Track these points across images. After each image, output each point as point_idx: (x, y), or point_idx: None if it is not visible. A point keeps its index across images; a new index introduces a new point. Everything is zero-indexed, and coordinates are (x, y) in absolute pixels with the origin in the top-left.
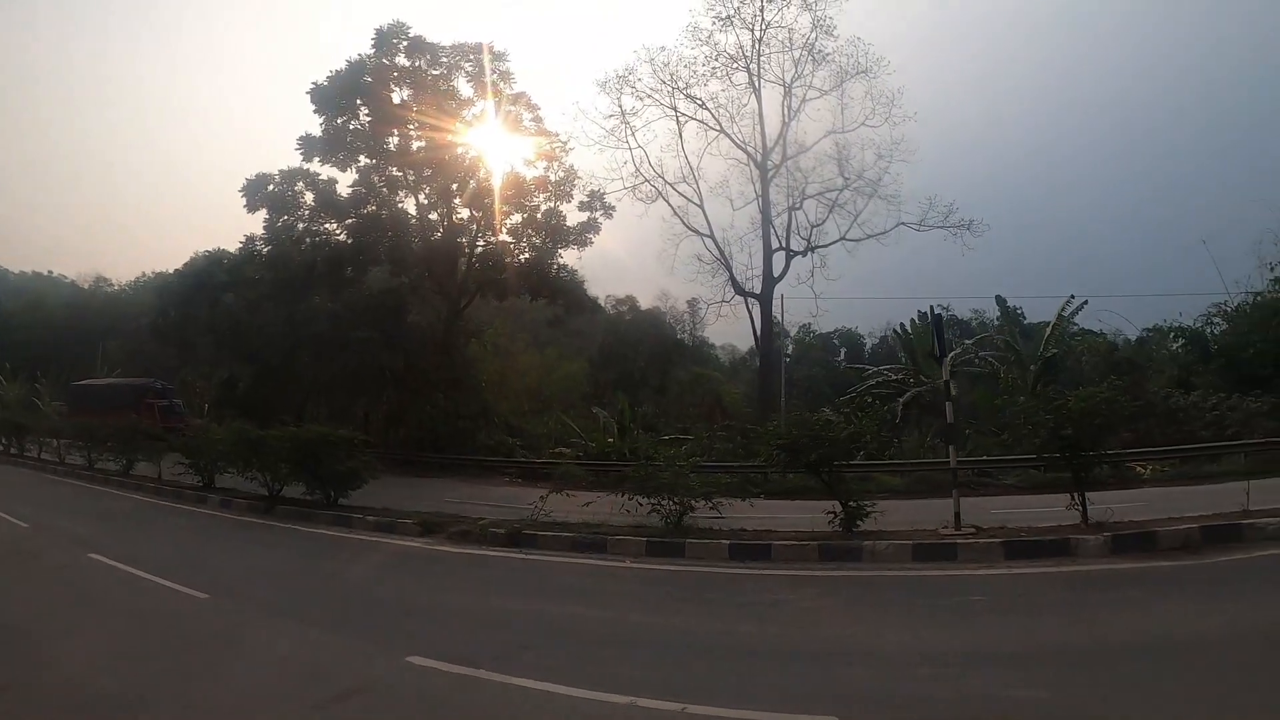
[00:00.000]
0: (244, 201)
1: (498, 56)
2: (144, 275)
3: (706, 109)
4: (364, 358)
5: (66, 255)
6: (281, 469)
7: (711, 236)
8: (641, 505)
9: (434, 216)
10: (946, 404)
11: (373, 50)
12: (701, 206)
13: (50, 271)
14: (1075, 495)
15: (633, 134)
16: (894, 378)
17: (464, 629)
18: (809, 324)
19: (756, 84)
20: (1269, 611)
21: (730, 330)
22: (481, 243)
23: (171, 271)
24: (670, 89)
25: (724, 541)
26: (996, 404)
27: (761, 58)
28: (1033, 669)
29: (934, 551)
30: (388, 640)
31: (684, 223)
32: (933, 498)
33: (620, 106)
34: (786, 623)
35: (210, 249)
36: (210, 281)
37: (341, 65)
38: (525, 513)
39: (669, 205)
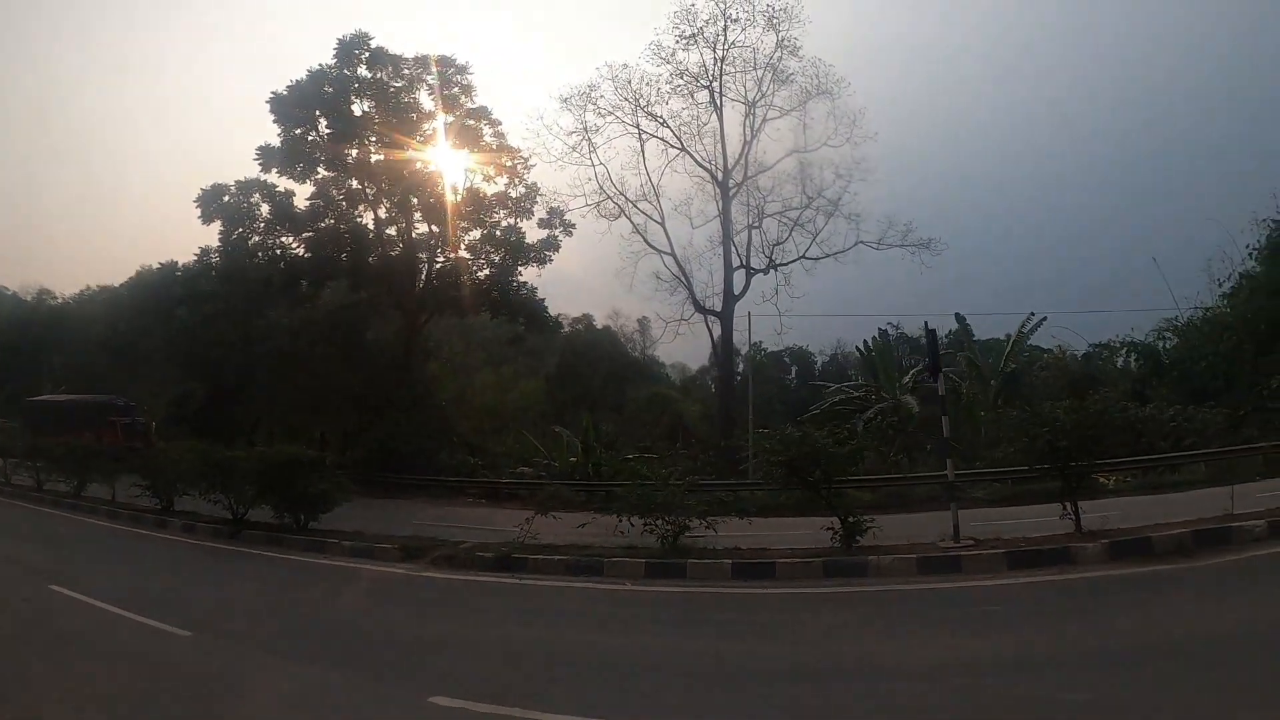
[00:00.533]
0: (198, 213)
1: (460, 70)
2: (89, 288)
3: (668, 127)
4: (323, 376)
5: (6, 265)
6: (248, 491)
7: (672, 254)
8: (634, 526)
9: (392, 231)
10: (943, 418)
11: (334, 61)
12: (662, 224)
13: None
14: (1067, 504)
15: (594, 151)
16: (855, 394)
17: (478, 662)
18: (760, 342)
19: (718, 102)
20: (1277, 608)
21: (679, 349)
22: (441, 258)
23: (119, 284)
24: (633, 106)
25: (726, 561)
26: (977, 419)
27: (725, 76)
28: (1070, 673)
29: (939, 564)
30: (401, 678)
31: (645, 240)
32: (905, 512)
33: (583, 123)
34: (811, 642)
35: (162, 261)
36: (163, 295)
37: (302, 75)
38: (503, 535)
39: (630, 222)
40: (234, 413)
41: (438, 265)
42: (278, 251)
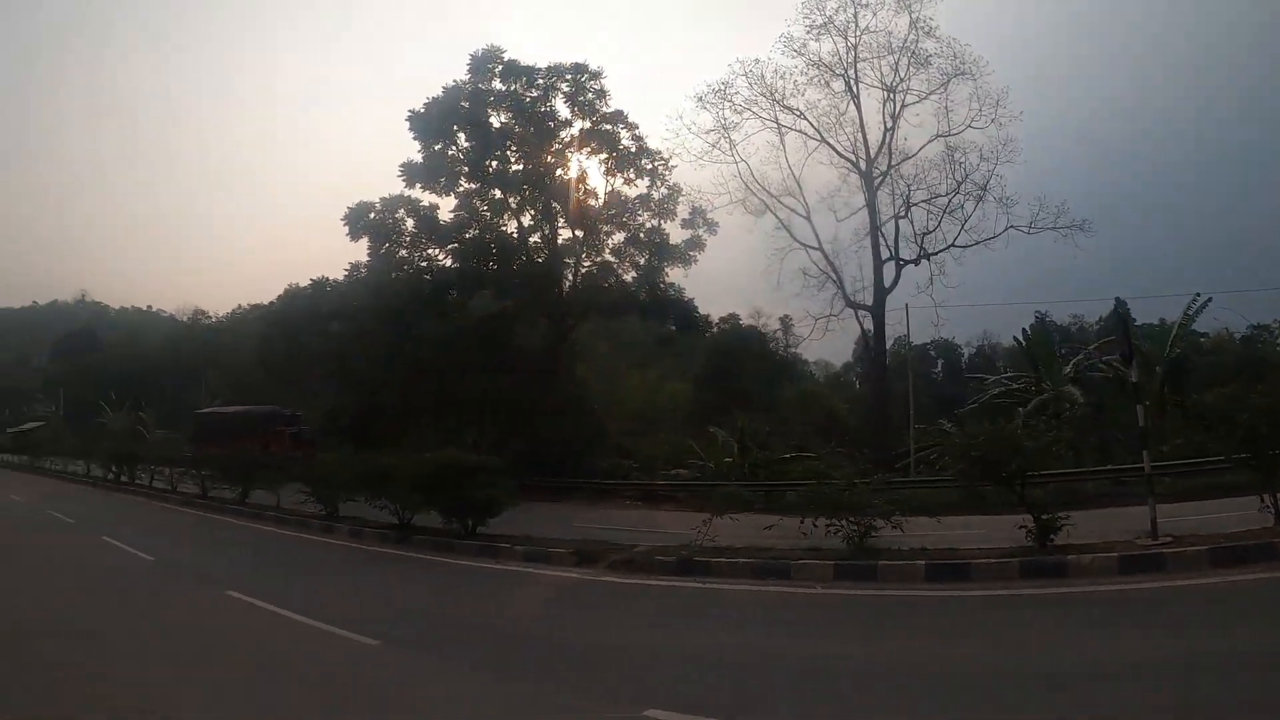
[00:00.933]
0: (346, 230)
1: (593, 75)
2: (241, 308)
3: (806, 119)
4: (473, 383)
5: (165, 290)
6: (413, 497)
7: (819, 248)
8: (816, 527)
9: (536, 239)
10: (1139, 407)
11: (469, 76)
12: (808, 218)
13: (149, 306)
14: (1266, 497)
15: (734, 148)
16: (1015, 386)
17: (684, 672)
18: (903, 336)
19: (855, 90)
20: None
21: (822, 347)
22: (587, 263)
23: (268, 303)
24: (769, 100)
25: (919, 562)
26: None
27: (860, 63)
28: None
29: (1142, 563)
30: (609, 690)
31: (791, 235)
32: (1075, 509)
33: (721, 120)
34: (1036, 647)
35: (314, 277)
36: (316, 311)
37: (438, 92)
38: (672, 538)
39: (775, 218)
40: (385, 422)
41: (583, 270)
42: (424, 264)
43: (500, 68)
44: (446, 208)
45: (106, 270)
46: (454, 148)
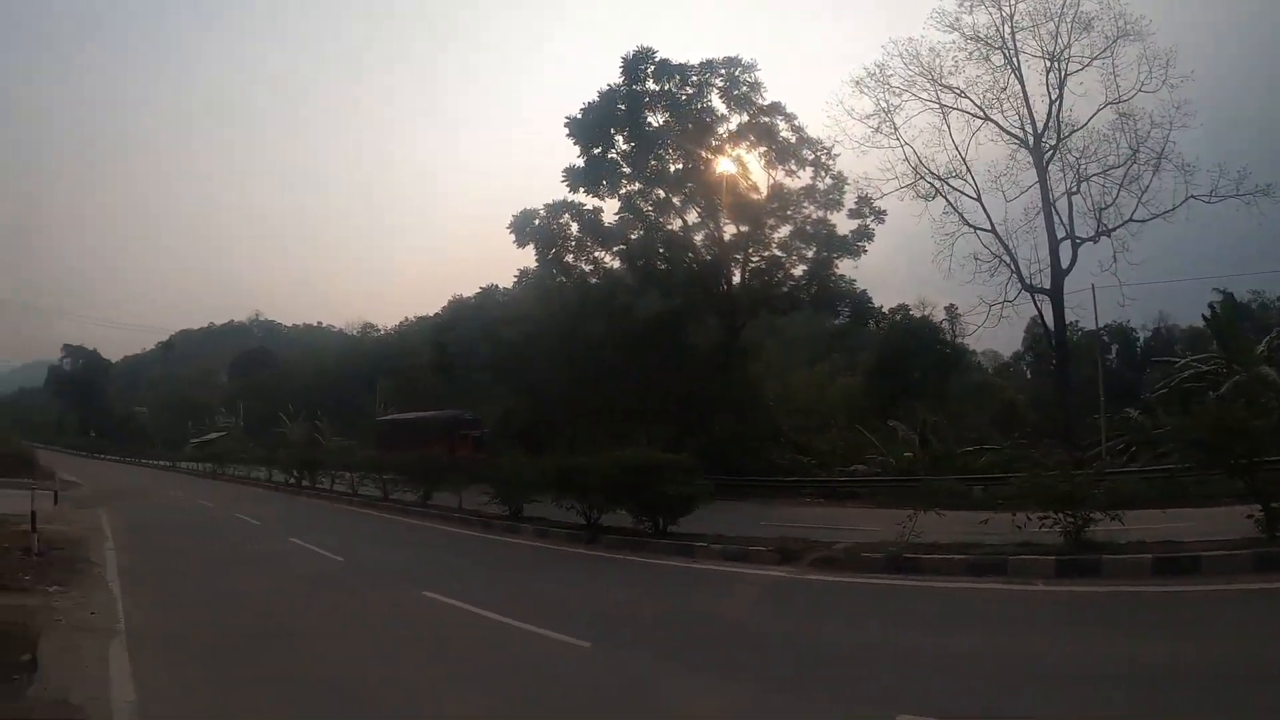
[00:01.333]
0: (513, 238)
1: (746, 68)
2: (407, 320)
3: (967, 97)
4: (645, 383)
5: (335, 307)
6: (599, 496)
7: (992, 231)
8: (1030, 520)
9: (701, 237)
10: None
11: (622, 79)
12: (979, 199)
13: (319, 323)
14: None
15: (896, 131)
16: (1205, 369)
17: (925, 675)
18: (1075, 321)
19: (1015, 62)
20: None
21: (990, 335)
22: (756, 258)
23: (433, 314)
24: (928, 80)
25: (1145, 556)
26: None
27: (1017, 33)
28: None
29: None
30: (851, 694)
31: (962, 218)
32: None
33: (884, 104)
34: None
35: (484, 285)
36: (486, 317)
37: (593, 97)
38: (867, 535)
39: (946, 201)
40: (556, 424)
41: (751, 266)
42: (590, 267)
43: (653, 68)
44: (610, 210)
45: (278, 291)
46: (613, 150)
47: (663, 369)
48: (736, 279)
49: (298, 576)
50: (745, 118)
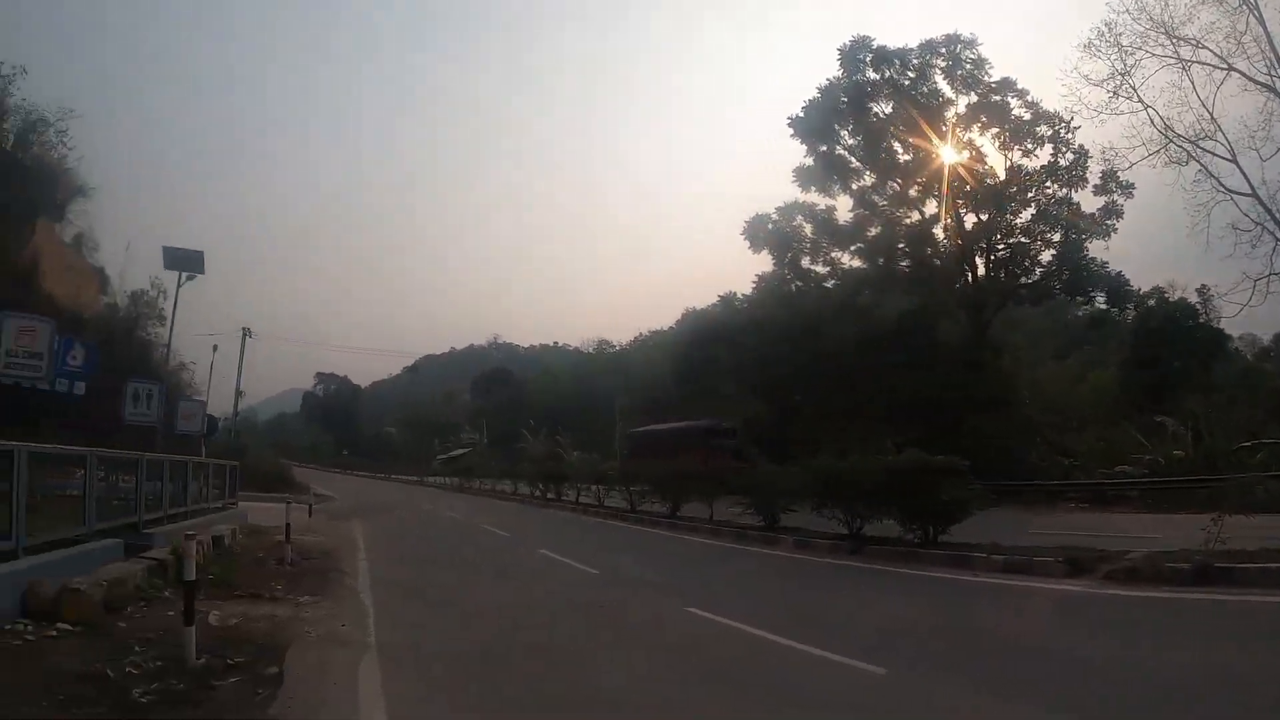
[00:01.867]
0: (747, 244)
1: (967, 44)
2: (641, 335)
3: (1205, 47)
4: (891, 385)
5: (569, 326)
6: (863, 504)
7: (1253, 195)
8: None
9: (939, 229)
10: None
11: (841, 71)
12: (1234, 161)
13: (555, 342)
14: None
15: (1136, 92)
16: None
17: None
18: None
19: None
20: None
21: (1244, 317)
22: (1000, 247)
23: (667, 328)
24: (1162, 33)
25: None
26: None
27: None
28: None
29: None
30: None
31: (1219, 184)
32: None
33: (1120, 65)
34: None
35: (722, 294)
36: (726, 324)
37: (813, 94)
38: (1153, 543)
39: (1200, 165)
40: (800, 429)
41: (996, 255)
42: (828, 268)
43: (871, 56)
44: (843, 208)
45: (515, 314)
46: (840, 146)
47: (908, 369)
48: (980, 270)
49: (552, 590)
50: (973, 97)
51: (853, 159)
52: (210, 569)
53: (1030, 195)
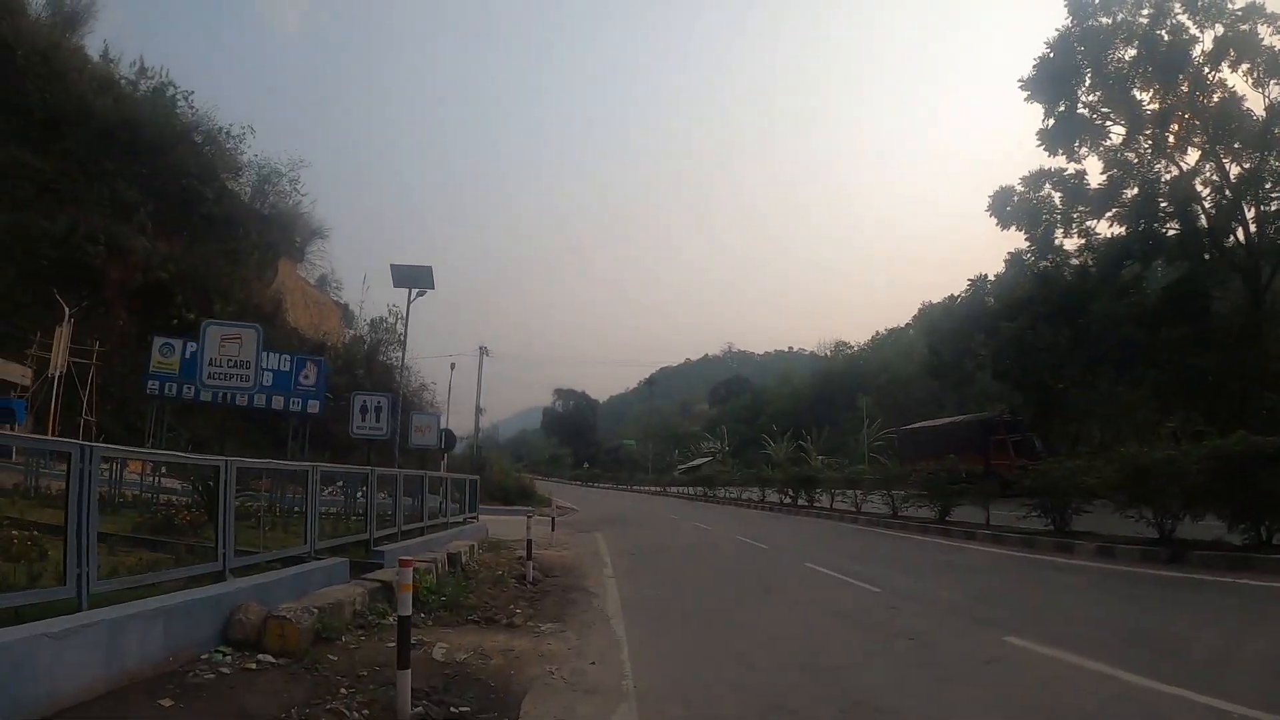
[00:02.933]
0: (994, 221)
1: None
2: (879, 333)
3: None
4: (1166, 364)
5: (803, 331)
6: (1173, 503)
7: None
8: None
9: (1200, 182)
10: None
11: (1069, 20)
12: None
13: (790, 348)
14: None
15: None
16: None
17: None
18: None
19: None
20: None
21: None
22: (1276, 195)
23: (903, 325)
24: None
25: None
26: None
27: None
28: None
29: None
30: None
31: None
32: None
33: None
34: None
35: (973, 278)
36: (979, 311)
37: (1040, 50)
38: None
39: None
40: (1063, 418)
41: (1267, 207)
42: (1083, 240)
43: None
44: (1093, 171)
45: (748, 322)
46: (1080, 102)
47: (1181, 346)
48: (1252, 229)
49: (832, 612)
50: (1219, 30)
51: (1095, 115)
52: (443, 590)
53: None
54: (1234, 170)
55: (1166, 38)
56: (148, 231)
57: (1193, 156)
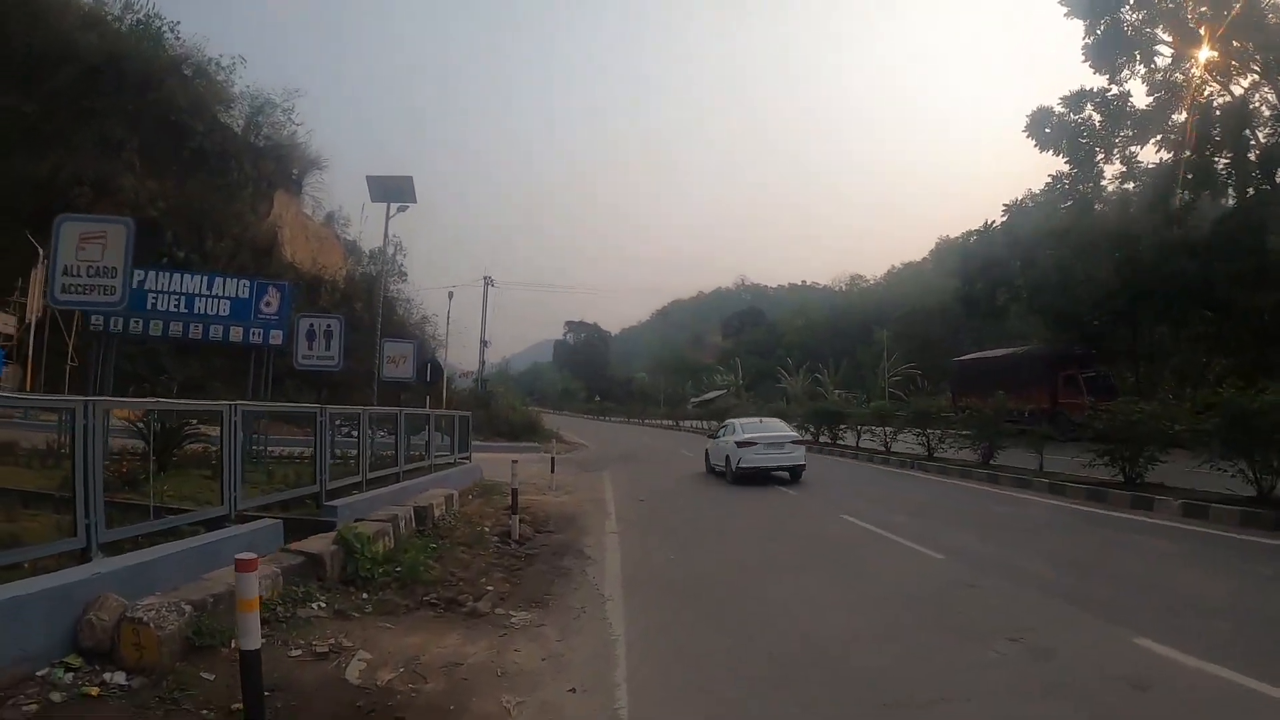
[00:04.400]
0: (1033, 143)
1: None
2: (894, 267)
3: None
4: (1218, 303)
5: (817, 265)
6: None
7: None
8: None
9: (1257, 103)
10: None
11: None
12: None
13: (804, 281)
14: None
15: None
16: None
17: None
18: None
19: None
20: None
21: None
22: None
23: (920, 259)
24: None
25: None
26: None
27: None
28: None
29: None
30: None
31: None
32: None
33: None
34: None
35: (1007, 200)
36: (1017, 239)
37: None
38: None
39: None
40: (1107, 359)
41: None
42: (1124, 168)
43: None
44: (1137, 94)
45: (762, 255)
46: (1124, 16)
47: (1239, 280)
48: None
49: (893, 592)
50: None
51: (1140, 29)
52: (399, 559)
53: None
54: None
55: None
56: (136, 169)
57: (1247, 81)
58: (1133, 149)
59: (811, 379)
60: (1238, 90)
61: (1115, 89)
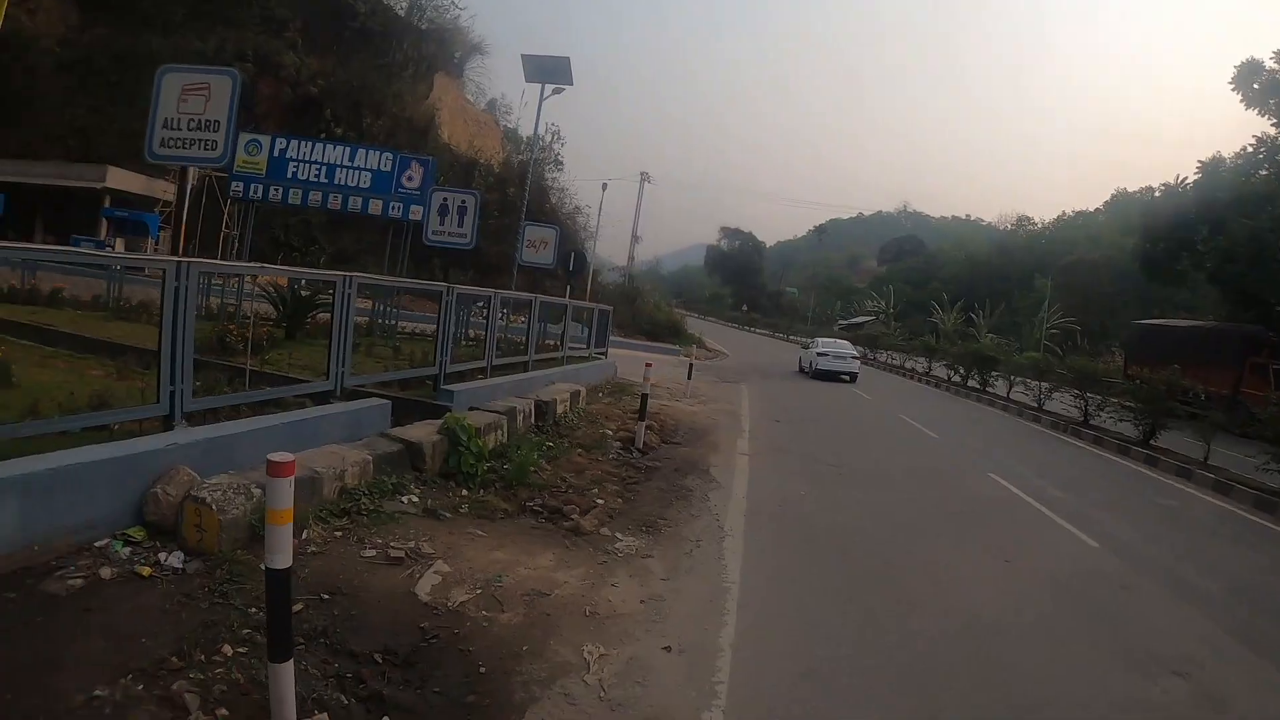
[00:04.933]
0: (1239, 99)
1: None
2: (1065, 214)
3: None
4: None
5: (984, 201)
6: None
7: None
8: None
9: None
10: None
11: None
12: None
13: (969, 216)
14: None
15: None
16: None
17: None
18: None
19: None
20: None
21: None
22: None
23: (1093, 209)
24: None
25: None
26: None
27: None
28: None
29: None
30: None
31: None
32: None
33: None
34: None
35: (1203, 159)
36: (1208, 203)
37: None
38: None
39: None
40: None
41: None
42: None
43: None
44: None
45: (928, 183)
46: None
47: None
48: None
49: (1041, 575)
50: None
51: None
52: (510, 454)
53: None
54: None
55: None
56: (298, 47)
57: None
58: None
59: (964, 318)
60: None
61: None
